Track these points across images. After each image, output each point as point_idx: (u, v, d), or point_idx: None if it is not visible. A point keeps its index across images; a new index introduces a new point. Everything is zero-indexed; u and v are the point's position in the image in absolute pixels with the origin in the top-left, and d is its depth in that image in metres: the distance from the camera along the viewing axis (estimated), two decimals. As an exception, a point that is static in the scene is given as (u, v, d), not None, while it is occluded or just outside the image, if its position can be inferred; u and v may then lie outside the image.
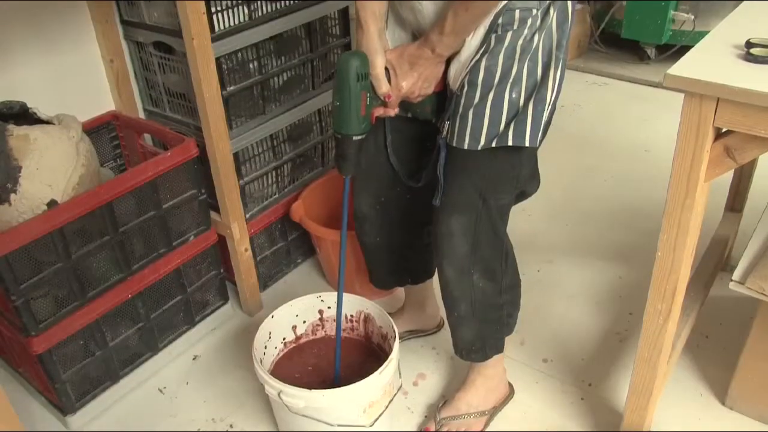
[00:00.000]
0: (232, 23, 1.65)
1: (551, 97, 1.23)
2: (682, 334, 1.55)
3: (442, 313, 1.50)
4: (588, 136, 2.84)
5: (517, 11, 1.15)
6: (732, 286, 1.36)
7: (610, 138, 2.81)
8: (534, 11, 1.15)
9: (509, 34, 1.16)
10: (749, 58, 1.06)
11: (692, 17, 3.17)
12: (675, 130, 1.09)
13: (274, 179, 1.94)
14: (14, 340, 1.55)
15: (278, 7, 1.75)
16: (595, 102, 3.15)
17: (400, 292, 1.93)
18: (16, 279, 1.37)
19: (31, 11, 1.63)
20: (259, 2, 1.70)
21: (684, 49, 1.17)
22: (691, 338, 1.68)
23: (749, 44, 1.08)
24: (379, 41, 1.24)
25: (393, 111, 1.31)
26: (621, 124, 2.92)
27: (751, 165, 1.89)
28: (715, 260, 1.81)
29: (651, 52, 3.40)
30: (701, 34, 3.00)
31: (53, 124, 1.51)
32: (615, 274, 2.05)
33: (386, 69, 1.25)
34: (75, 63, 1.76)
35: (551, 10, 1.17)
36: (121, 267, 1.58)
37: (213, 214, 1.79)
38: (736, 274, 1.37)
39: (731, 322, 1.82)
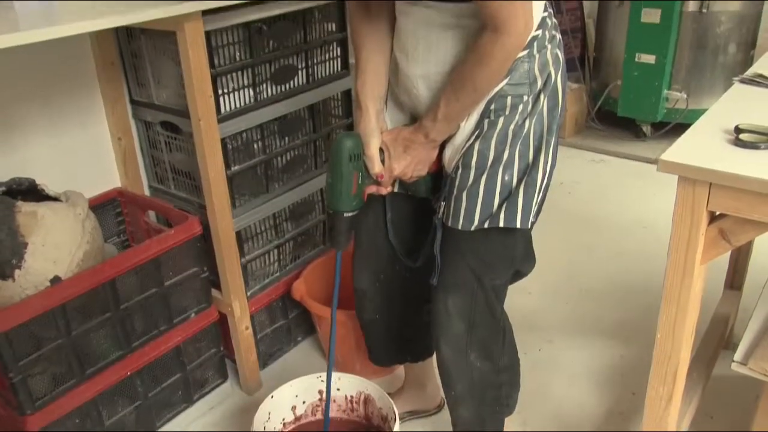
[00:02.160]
0: (237, 105, 1.70)
1: (542, 180, 1.26)
2: (686, 415, 1.52)
3: (443, 392, 1.49)
4: (586, 213, 2.87)
5: (509, 97, 1.19)
6: (734, 367, 1.34)
7: (608, 214, 2.84)
8: (525, 97, 1.20)
9: (501, 119, 1.20)
10: (738, 143, 1.10)
11: (685, 96, 3.25)
12: (671, 205, 1.10)
13: (276, 257, 1.96)
14: (7, 417, 1.53)
15: (283, 89, 1.81)
16: (592, 179, 3.20)
17: (400, 370, 1.91)
18: (15, 356, 1.37)
19: (44, 90, 1.68)
20: (264, 85, 1.76)
21: (678, 126, 1.21)
22: (696, 419, 1.65)
23: (738, 129, 1.12)
24: (376, 123, 1.29)
25: (386, 190, 1.34)
26: (618, 201, 2.96)
27: (749, 243, 1.90)
28: (717, 339, 1.80)
29: (647, 129, 3.47)
30: (695, 112, 3.08)
31: (60, 200, 1.54)
32: (616, 353, 2.03)
33: (381, 150, 1.28)
34: (84, 140, 1.80)
35: (542, 96, 1.21)
36: (121, 344, 1.57)
37: (214, 292, 1.79)
38: (738, 355, 1.36)
39: (736, 401, 1.79)
